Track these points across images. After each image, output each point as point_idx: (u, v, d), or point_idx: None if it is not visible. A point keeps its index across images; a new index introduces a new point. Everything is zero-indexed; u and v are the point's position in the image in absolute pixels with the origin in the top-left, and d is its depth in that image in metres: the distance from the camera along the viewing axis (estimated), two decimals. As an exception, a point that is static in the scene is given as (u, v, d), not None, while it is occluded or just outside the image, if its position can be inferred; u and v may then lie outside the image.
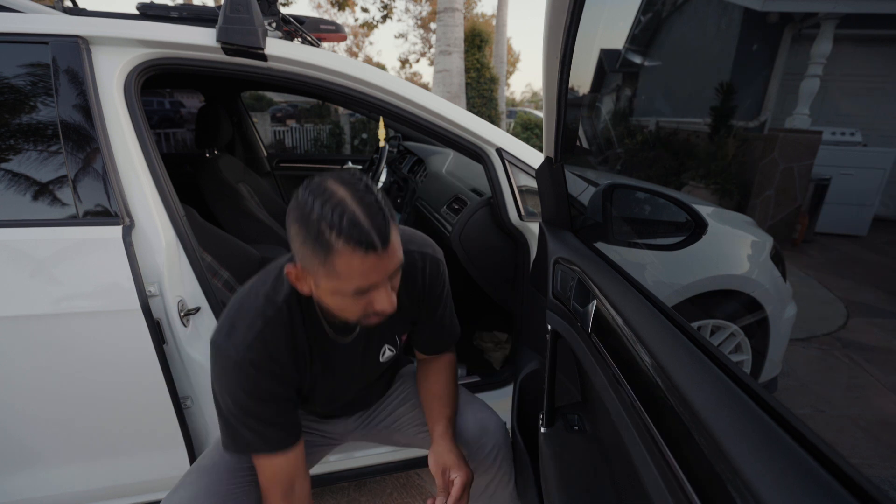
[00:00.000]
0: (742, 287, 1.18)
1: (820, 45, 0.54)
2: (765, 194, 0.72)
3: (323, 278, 0.64)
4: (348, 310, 0.69)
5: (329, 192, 0.61)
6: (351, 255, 0.60)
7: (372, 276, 0.64)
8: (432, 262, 0.88)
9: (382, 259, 0.63)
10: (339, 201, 0.60)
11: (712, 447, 0.36)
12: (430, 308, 0.91)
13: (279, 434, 0.77)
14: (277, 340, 0.73)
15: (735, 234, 1.12)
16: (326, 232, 0.59)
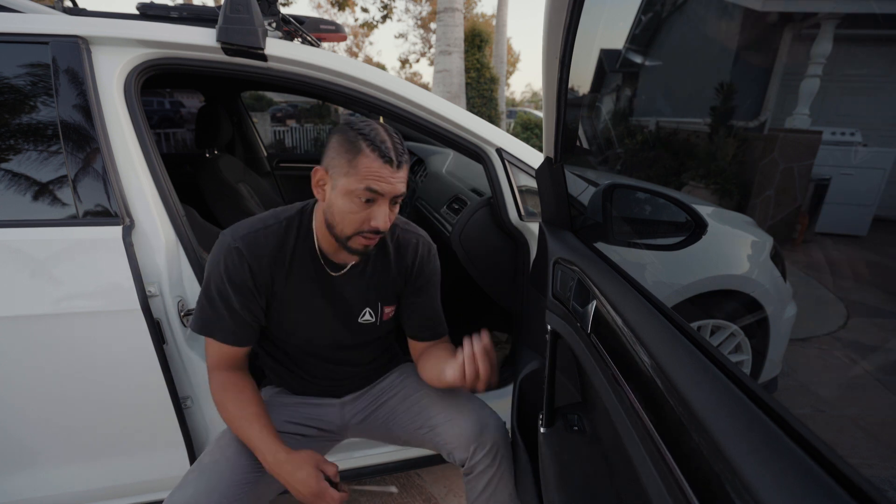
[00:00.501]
0: (742, 287, 1.18)
1: (820, 45, 0.54)
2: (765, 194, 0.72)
3: (343, 176, 0.80)
4: (351, 215, 0.81)
5: (370, 122, 0.82)
6: (374, 158, 0.78)
7: (382, 183, 0.79)
8: (425, 243, 1.01)
9: (394, 175, 0.80)
10: (375, 127, 0.81)
11: (711, 447, 0.36)
12: (417, 287, 1.00)
13: (236, 326, 0.87)
14: (267, 243, 0.87)
15: (735, 234, 1.12)
16: (360, 139, 0.79)
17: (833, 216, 0.61)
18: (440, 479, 1.54)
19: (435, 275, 1.03)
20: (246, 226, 0.88)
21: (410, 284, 1.00)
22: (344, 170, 0.80)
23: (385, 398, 1.06)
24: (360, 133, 0.79)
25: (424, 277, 1.00)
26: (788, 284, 1.03)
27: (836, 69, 0.55)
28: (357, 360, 1.04)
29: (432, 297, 1.03)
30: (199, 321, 0.88)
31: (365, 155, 0.78)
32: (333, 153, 0.81)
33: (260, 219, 0.89)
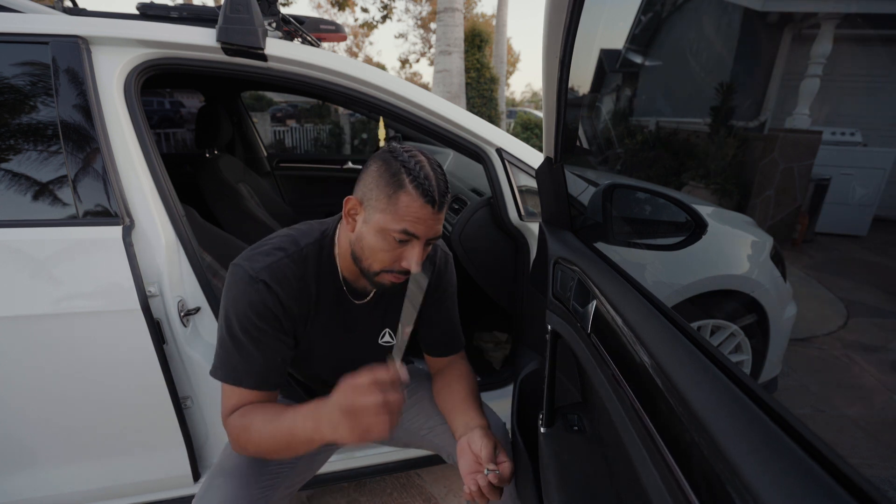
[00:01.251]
0: (742, 287, 1.18)
1: (820, 45, 0.54)
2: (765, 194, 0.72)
3: (379, 212, 0.73)
4: (381, 253, 0.75)
5: (414, 153, 0.75)
6: (415, 197, 0.71)
7: (420, 225, 0.73)
8: (443, 254, 0.96)
9: (434, 217, 0.74)
10: (420, 161, 0.73)
11: (711, 447, 0.36)
12: (436, 298, 0.95)
13: (264, 369, 0.77)
14: (291, 274, 0.78)
15: (735, 234, 1.12)
16: (404, 173, 0.71)
17: (833, 216, 0.61)
18: (440, 479, 1.54)
19: (452, 285, 0.98)
20: (263, 253, 0.78)
21: (428, 298, 0.93)
22: (381, 205, 0.72)
23: None
24: (404, 165, 0.72)
25: (442, 289, 0.95)
26: (788, 284, 1.03)
27: (836, 69, 0.55)
28: None
29: (450, 310, 0.98)
30: (225, 369, 0.77)
31: (407, 192, 0.71)
32: (371, 183, 0.73)
33: (277, 246, 0.80)
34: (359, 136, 7.21)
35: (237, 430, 0.76)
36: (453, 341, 0.99)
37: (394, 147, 0.75)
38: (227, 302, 0.77)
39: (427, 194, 0.71)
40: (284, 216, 2.43)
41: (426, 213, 0.72)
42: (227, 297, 0.77)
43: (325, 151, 7.12)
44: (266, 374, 0.78)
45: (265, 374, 0.78)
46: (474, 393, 0.94)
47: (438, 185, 0.73)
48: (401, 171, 0.71)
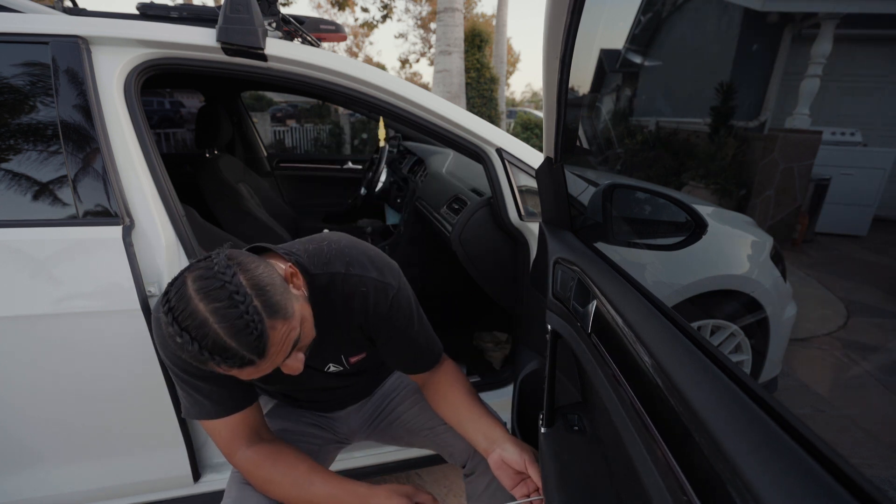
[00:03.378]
0: (742, 287, 1.18)
1: (820, 45, 0.54)
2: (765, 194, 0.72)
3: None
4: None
5: (187, 312, 0.56)
6: (232, 371, 0.59)
7: (260, 372, 0.62)
8: (378, 289, 0.79)
9: (262, 364, 0.60)
10: (198, 324, 0.55)
11: (712, 447, 0.36)
12: (385, 333, 0.83)
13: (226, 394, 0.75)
14: None
15: (735, 234, 1.12)
16: (200, 359, 0.57)
17: (833, 216, 0.61)
18: (440, 479, 1.53)
19: (403, 316, 0.82)
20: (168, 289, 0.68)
21: (376, 335, 0.84)
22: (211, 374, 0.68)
23: (386, 402, 1.06)
24: (192, 354, 0.56)
25: (389, 326, 0.82)
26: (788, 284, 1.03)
27: (836, 69, 0.55)
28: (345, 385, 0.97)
29: (410, 334, 0.85)
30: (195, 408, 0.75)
31: (220, 371, 0.60)
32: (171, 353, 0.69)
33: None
34: (359, 136, 7.21)
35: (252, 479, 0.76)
36: (426, 358, 0.90)
37: (165, 318, 0.57)
38: (160, 350, 0.73)
39: (238, 362, 0.57)
40: (284, 216, 2.43)
41: (255, 369, 0.60)
42: (157, 345, 0.74)
43: (325, 151, 7.12)
44: (235, 397, 0.75)
45: (234, 397, 0.75)
46: (476, 397, 0.91)
47: (242, 340, 0.56)
48: (195, 359, 0.57)
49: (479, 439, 0.84)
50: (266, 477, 0.75)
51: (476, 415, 0.87)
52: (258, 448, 0.77)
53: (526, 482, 0.80)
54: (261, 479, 0.76)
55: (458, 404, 0.88)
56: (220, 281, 0.57)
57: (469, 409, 0.88)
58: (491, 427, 0.84)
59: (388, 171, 2.44)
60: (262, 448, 0.77)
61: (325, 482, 0.75)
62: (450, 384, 0.91)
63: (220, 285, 0.57)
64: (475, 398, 0.91)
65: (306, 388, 0.93)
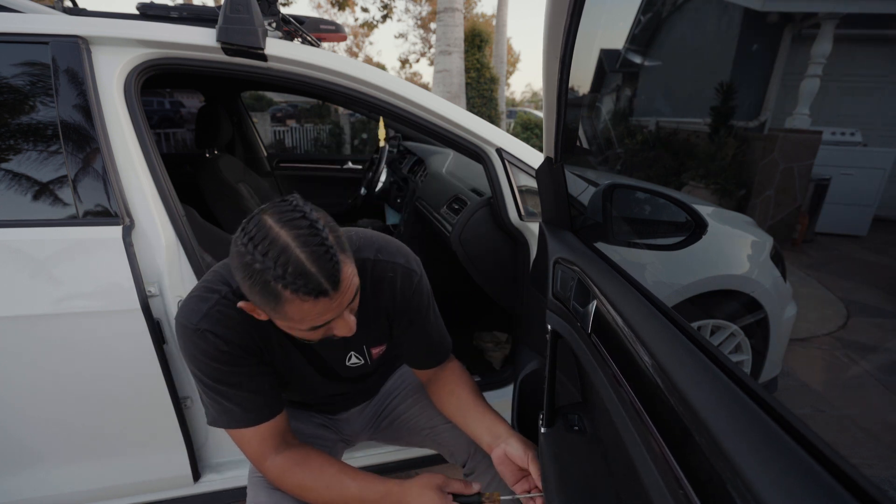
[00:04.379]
0: (742, 287, 1.18)
1: (820, 45, 0.54)
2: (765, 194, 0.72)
3: (278, 320, 0.64)
4: (307, 337, 0.69)
5: (271, 238, 0.58)
6: (301, 303, 0.59)
7: (326, 315, 0.63)
8: (404, 274, 0.83)
9: (335, 299, 0.61)
10: (282, 249, 0.57)
11: (712, 447, 0.36)
12: (408, 321, 0.86)
13: (258, 401, 0.75)
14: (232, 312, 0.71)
15: (735, 234, 1.12)
16: (272, 283, 0.57)
17: (833, 216, 0.61)
18: (440, 479, 1.53)
19: (423, 303, 0.86)
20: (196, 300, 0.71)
21: (398, 323, 0.86)
22: (275, 316, 0.62)
23: (388, 402, 1.06)
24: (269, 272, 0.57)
25: (412, 311, 0.85)
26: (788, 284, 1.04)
27: (836, 69, 0.55)
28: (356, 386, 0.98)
29: (427, 326, 0.89)
30: (224, 418, 0.74)
31: (290, 302, 0.59)
32: (248, 292, 0.61)
33: (209, 288, 0.72)
34: (359, 136, 7.21)
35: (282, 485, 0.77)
36: (438, 353, 0.93)
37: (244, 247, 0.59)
38: (188, 359, 0.73)
39: (311, 291, 0.58)
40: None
41: (322, 306, 0.60)
42: (185, 355, 0.73)
43: (325, 151, 7.12)
44: (261, 406, 0.76)
45: (260, 406, 0.75)
46: (480, 394, 0.92)
47: (321, 265, 0.58)
48: (269, 282, 0.57)
49: (484, 435, 0.85)
50: (298, 482, 0.76)
51: (481, 411, 0.88)
52: (287, 454, 0.77)
53: (528, 478, 0.81)
54: (292, 485, 0.76)
55: (464, 401, 0.90)
56: (300, 212, 0.60)
57: (474, 405, 0.89)
58: (495, 423, 0.85)
59: (388, 171, 2.44)
60: (290, 454, 0.77)
61: (356, 481, 0.75)
62: (456, 381, 0.92)
63: (301, 216, 0.60)
64: (480, 395, 0.92)
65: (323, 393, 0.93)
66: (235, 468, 1.20)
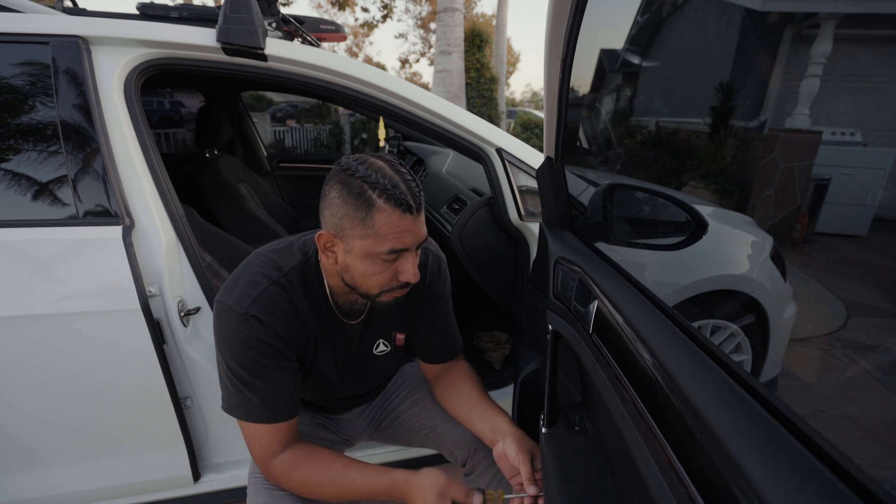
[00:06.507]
0: (742, 287, 1.18)
1: (820, 45, 0.54)
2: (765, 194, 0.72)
3: (359, 239, 0.68)
4: (375, 276, 0.71)
5: (370, 161, 0.68)
6: (391, 212, 0.66)
7: (406, 237, 0.69)
8: (435, 257, 0.90)
9: (416, 223, 0.69)
10: (380, 167, 0.67)
11: (715, 446, 0.36)
12: (431, 306, 0.91)
13: (281, 399, 0.76)
14: (281, 301, 0.74)
15: (735, 234, 1.12)
16: (369, 190, 0.65)
17: (833, 216, 0.62)
18: (440, 479, 1.53)
19: (446, 291, 0.93)
20: (247, 285, 0.73)
21: (423, 307, 0.91)
22: (358, 231, 0.67)
23: (389, 402, 1.06)
24: (366, 181, 0.65)
25: (436, 297, 0.91)
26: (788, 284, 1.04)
27: (836, 69, 0.55)
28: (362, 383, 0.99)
29: (445, 316, 0.94)
30: (242, 408, 0.75)
31: (380, 209, 0.65)
32: (339, 211, 0.67)
33: (260, 272, 0.75)
34: (359, 136, 7.21)
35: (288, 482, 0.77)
36: (451, 347, 0.97)
37: (346, 163, 0.68)
38: (223, 343, 0.73)
39: (401, 203, 0.66)
40: (284, 216, 2.43)
41: (406, 222, 0.67)
42: (220, 339, 0.73)
43: (325, 151, 7.12)
44: (284, 405, 0.76)
45: (283, 404, 0.76)
46: (485, 392, 0.94)
47: (409, 187, 0.67)
48: (364, 189, 0.65)
49: (486, 431, 0.87)
50: (303, 478, 0.76)
51: (484, 407, 0.90)
52: (293, 451, 0.78)
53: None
54: (298, 482, 0.77)
55: (470, 397, 0.91)
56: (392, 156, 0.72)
57: (478, 401, 0.91)
58: (496, 419, 0.87)
59: (388, 171, 2.43)
60: (296, 450, 0.78)
61: (361, 474, 0.76)
62: (464, 378, 0.95)
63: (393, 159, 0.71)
64: (484, 392, 0.94)
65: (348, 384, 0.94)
66: (235, 468, 1.20)
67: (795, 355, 0.90)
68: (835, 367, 0.66)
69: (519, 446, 0.81)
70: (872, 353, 0.65)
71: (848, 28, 0.54)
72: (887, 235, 0.57)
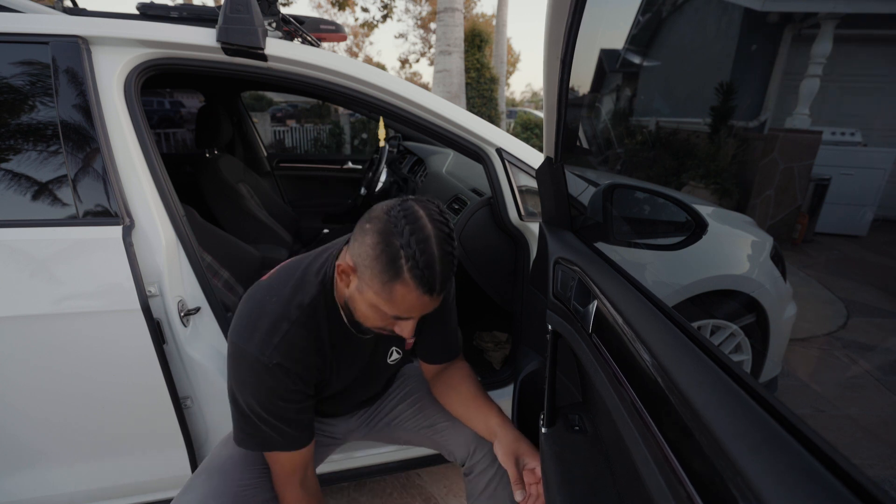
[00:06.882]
0: (742, 287, 1.18)
1: (820, 45, 0.54)
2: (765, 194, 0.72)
3: (373, 293, 0.66)
4: (370, 320, 0.72)
5: (420, 224, 0.63)
6: (413, 290, 0.64)
7: (415, 311, 0.68)
8: None
9: (431, 302, 0.67)
10: (425, 238, 0.63)
11: (713, 446, 0.36)
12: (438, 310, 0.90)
13: (299, 432, 0.78)
14: (303, 342, 0.74)
15: (735, 234, 1.12)
16: (403, 261, 0.62)
17: (833, 216, 0.62)
18: (440, 479, 1.53)
19: (451, 292, 0.94)
20: (268, 327, 0.71)
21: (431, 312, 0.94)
22: (375, 287, 0.65)
23: (387, 401, 1.06)
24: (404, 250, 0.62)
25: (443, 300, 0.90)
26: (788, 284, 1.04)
27: (836, 69, 0.55)
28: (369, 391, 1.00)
29: (448, 318, 0.94)
30: (257, 441, 0.76)
31: (404, 283, 0.63)
32: (367, 258, 0.64)
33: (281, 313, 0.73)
34: (359, 136, 7.21)
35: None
36: (452, 348, 0.97)
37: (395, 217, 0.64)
38: (240, 385, 0.73)
39: (428, 285, 0.63)
40: (284, 216, 2.43)
41: (423, 301, 0.65)
42: (238, 381, 0.73)
43: (325, 151, 7.12)
44: (300, 436, 0.78)
45: (299, 436, 0.78)
46: (481, 390, 0.95)
47: (443, 270, 0.64)
48: (399, 258, 0.62)
49: (483, 428, 0.90)
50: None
51: (479, 406, 0.92)
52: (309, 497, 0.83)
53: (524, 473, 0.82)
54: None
55: (465, 395, 0.93)
56: (445, 219, 0.66)
57: (474, 399, 0.93)
58: (490, 416, 0.89)
59: (388, 171, 2.44)
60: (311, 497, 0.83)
61: None
62: (462, 377, 0.96)
63: (444, 222, 0.66)
64: (482, 390, 0.95)
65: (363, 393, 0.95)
66: (235, 468, 1.20)
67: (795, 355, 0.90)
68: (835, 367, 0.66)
69: (505, 449, 0.83)
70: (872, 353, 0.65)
71: (848, 28, 0.54)
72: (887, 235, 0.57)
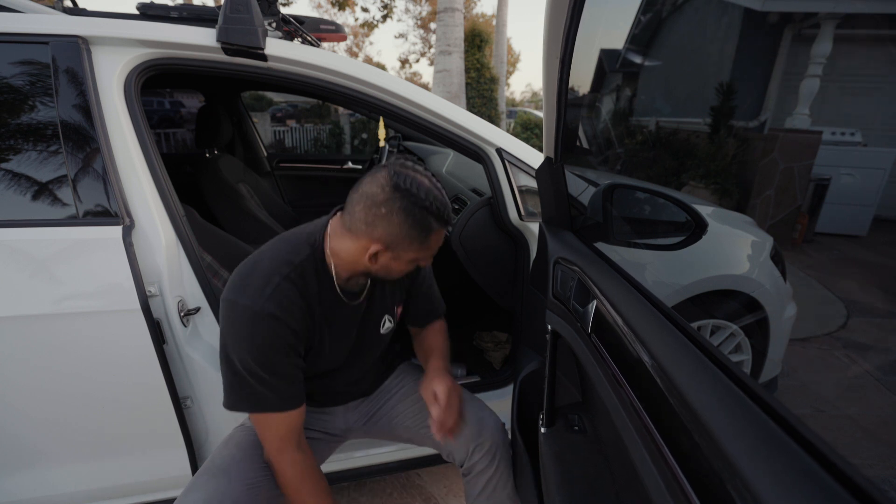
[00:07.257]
0: (742, 287, 1.18)
1: (820, 45, 0.54)
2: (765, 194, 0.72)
3: (413, 252, 0.79)
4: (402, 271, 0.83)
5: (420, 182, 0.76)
6: (440, 230, 0.79)
7: (441, 243, 0.82)
8: None
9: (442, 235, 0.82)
10: (429, 189, 0.76)
11: (712, 447, 0.36)
12: (423, 276, 1.03)
13: (291, 389, 0.79)
14: (293, 295, 0.77)
15: (735, 234, 1.12)
16: (429, 216, 0.76)
17: (833, 216, 0.62)
18: (440, 479, 1.53)
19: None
20: (260, 282, 0.75)
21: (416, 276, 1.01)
22: (415, 247, 0.78)
23: (385, 398, 1.06)
24: (429, 211, 0.75)
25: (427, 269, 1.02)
26: (788, 284, 1.04)
27: (836, 69, 0.55)
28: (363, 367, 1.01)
29: (429, 281, 1.05)
30: (250, 401, 0.77)
31: (436, 231, 0.78)
32: (398, 231, 0.75)
33: (272, 269, 0.77)
34: (359, 136, 7.21)
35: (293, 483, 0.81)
36: (435, 309, 1.07)
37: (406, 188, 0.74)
38: (234, 340, 0.74)
39: (448, 221, 0.79)
40: (284, 216, 2.43)
41: (443, 234, 0.81)
42: (232, 336, 0.75)
43: (325, 151, 7.12)
44: (293, 394, 0.79)
45: (292, 394, 0.79)
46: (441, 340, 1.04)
47: (447, 201, 0.79)
48: (426, 216, 0.75)
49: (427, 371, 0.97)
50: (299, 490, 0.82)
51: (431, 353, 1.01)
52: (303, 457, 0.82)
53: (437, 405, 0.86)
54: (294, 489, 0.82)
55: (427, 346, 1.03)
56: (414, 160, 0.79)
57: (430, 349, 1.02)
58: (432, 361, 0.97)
59: (388, 171, 2.43)
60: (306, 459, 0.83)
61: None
62: (434, 334, 1.06)
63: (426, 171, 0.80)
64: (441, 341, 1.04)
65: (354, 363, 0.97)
66: (235, 468, 1.20)
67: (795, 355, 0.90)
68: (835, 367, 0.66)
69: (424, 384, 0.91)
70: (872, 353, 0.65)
71: (848, 28, 0.54)
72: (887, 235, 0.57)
